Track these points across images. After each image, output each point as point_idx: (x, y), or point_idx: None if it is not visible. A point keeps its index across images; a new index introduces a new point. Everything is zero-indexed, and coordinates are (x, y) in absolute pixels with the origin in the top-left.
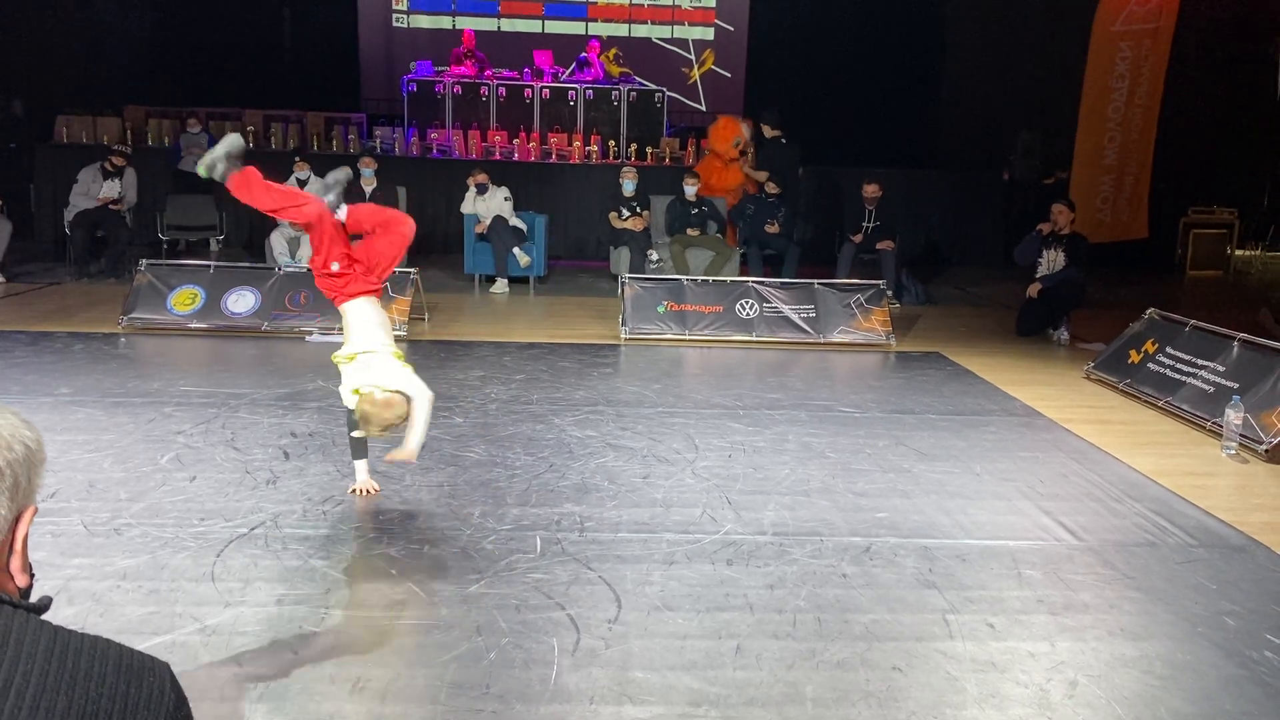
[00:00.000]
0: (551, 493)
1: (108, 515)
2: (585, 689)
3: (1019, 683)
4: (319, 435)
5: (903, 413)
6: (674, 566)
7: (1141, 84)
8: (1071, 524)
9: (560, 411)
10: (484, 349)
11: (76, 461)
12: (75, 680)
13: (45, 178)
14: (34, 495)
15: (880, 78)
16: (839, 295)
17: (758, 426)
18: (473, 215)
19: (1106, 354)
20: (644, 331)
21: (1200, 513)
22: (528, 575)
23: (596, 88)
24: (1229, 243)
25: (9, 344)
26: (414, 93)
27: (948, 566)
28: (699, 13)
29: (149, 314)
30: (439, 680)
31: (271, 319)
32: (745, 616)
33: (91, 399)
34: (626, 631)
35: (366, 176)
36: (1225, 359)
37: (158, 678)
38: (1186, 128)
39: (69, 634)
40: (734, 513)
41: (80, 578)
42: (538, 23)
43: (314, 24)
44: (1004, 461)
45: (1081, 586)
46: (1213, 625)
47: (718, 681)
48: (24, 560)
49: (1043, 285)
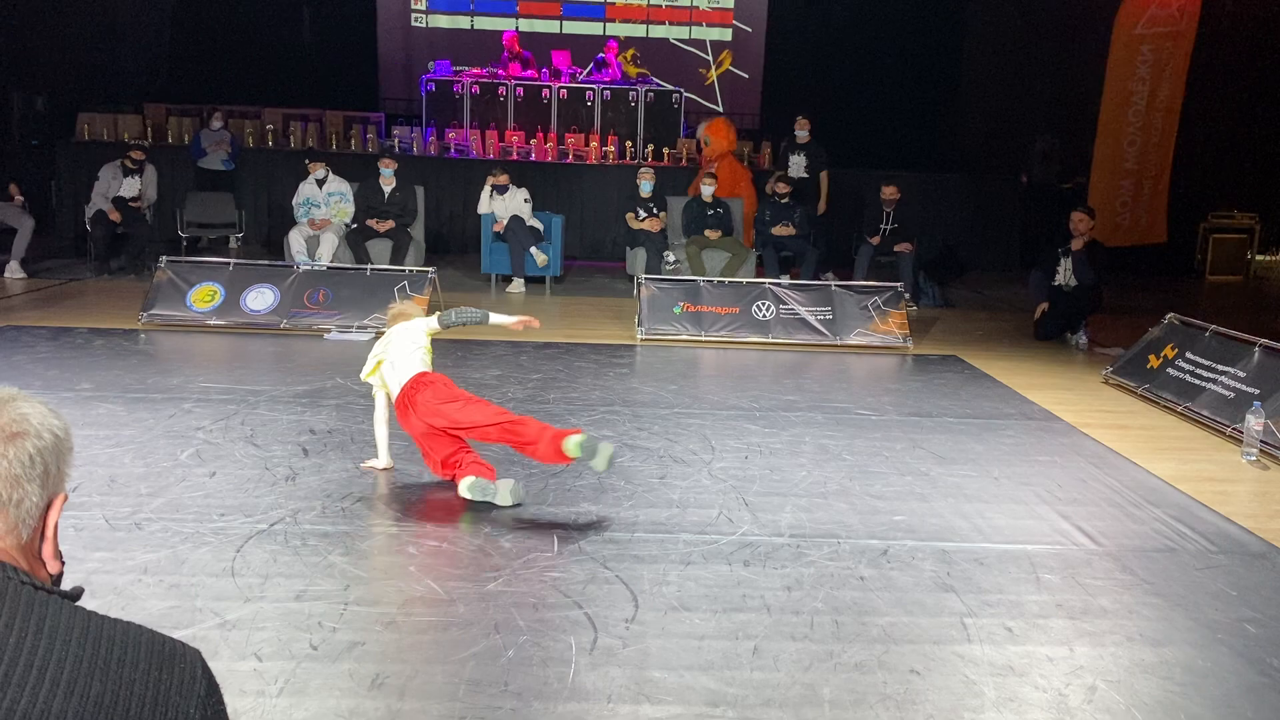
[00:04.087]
0: (568, 492)
1: (128, 510)
2: (603, 688)
3: (1037, 687)
4: (338, 432)
5: (920, 415)
6: (691, 567)
7: (1162, 87)
8: (1090, 529)
9: (577, 411)
10: (500, 348)
11: (98, 456)
12: (109, 665)
13: (67, 175)
14: (64, 483)
15: (898, 80)
16: (856, 297)
17: (774, 428)
18: (489, 215)
19: (1126, 358)
20: (660, 332)
21: (1220, 519)
22: (545, 574)
23: (614, 88)
24: (1249, 248)
25: (31, 339)
26: (432, 92)
27: (965, 570)
28: (717, 14)
29: (169, 310)
30: (457, 677)
31: (290, 316)
32: (762, 617)
33: (112, 394)
34: (644, 631)
35: (385, 176)
36: (1246, 364)
37: (189, 664)
38: (1207, 131)
39: (102, 619)
40: (751, 514)
41: (101, 572)
42: (556, 23)
43: (333, 23)
44: (1022, 465)
45: (1100, 591)
46: (1233, 632)
47: (735, 682)
48: (55, 547)
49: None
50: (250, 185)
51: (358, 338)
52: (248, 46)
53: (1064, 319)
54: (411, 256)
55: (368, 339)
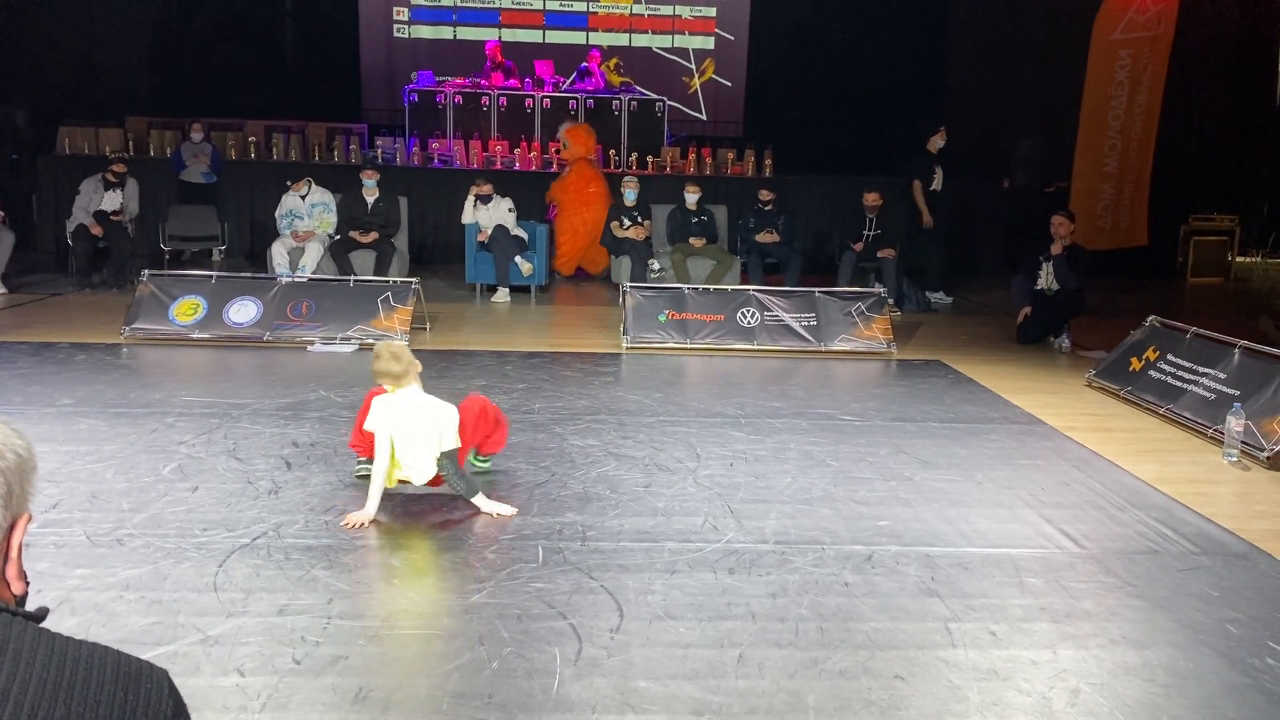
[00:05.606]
0: (553, 502)
1: (110, 526)
2: (588, 698)
3: (1021, 691)
4: (321, 445)
5: (904, 421)
6: (676, 575)
7: (1141, 91)
8: (1073, 532)
9: (562, 420)
10: (486, 358)
11: (79, 472)
12: (73, 687)
13: (48, 189)
14: (27, 503)
15: (880, 86)
16: (840, 303)
17: (759, 435)
18: (474, 225)
19: (1108, 361)
20: (645, 340)
21: (1202, 520)
22: (530, 584)
23: (597, 97)
24: (1230, 250)
25: (12, 354)
26: (415, 103)
27: (950, 575)
28: (699, 22)
29: (151, 324)
30: (441, 690)
31: (273, 329)
32: (747, 625)
33: (94, 409)
34: (629, 641)
35: (368, 187)
36: (1226, 366)
37: (155, 684)
38: (1187, 135)
39: (66, 641)
40: (736, 521)
41: (83, 588)
42: (538, 33)
43: (315, 34)
44: (1005, 469)
45: (1083, 594)
46: (1215, 633)
47: (720, 690)
48: (19, 568)
49: (1034, 306)
50: (233, 198)
51: (341, 350)
52: (229, 58)
53: (1046, 323)
54: (395, 267)
55: (351, 350)
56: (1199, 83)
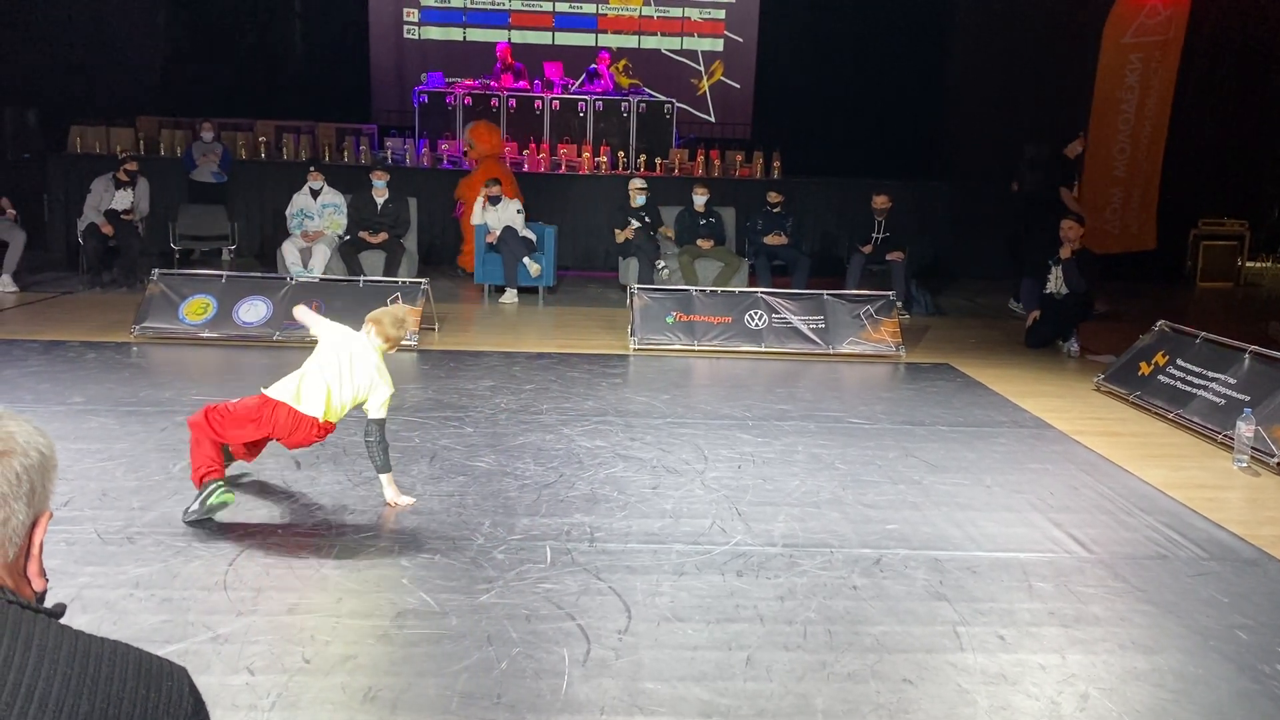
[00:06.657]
0: (561, 503)
1: (121, 524)
2: (596, 699)
3: (1030, 695)
4: (330, 445)
5: (912, 424)
6: (684, 577)
7: (1151, 95)
8: (1082, 536)
9: (570, 422)
10: (493, 359)
11: (89, 470)
12: (96, 684)
13: (58, 188)
14: (48, 500)
15: (889, 89)
16: (848, 306)
17: (767, 437)
18: (483, 226)
19: (1117, 366)
20: (653, 342)
21: (1211, 525)
22: (538, 585)
23: (606, 99)
24: (1239, 254)
25: (23, 352)
26: (425, 104)
27: (958, 579)
28: (708, 24)
29: (161, 323)
30: (450, 690)
31: (283, 329)
32: (755, 628)
33: (104, 408)
34: (637, 642)
35: (378, 188)
36: (1236, 371)
37: (176, 682)
38: (1197, 139)
39: (89, 638)
40: (744, 524)
41: (93, 586)
42: (548, 34)
43: (325, 35)
44: (1014, 473)
45: (1092, 599)
46: (1224, 639)
47: (728, 693)
48: (40, 565)
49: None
50: (243, 197)
51: None
52: (240, 59)
53: (1055, 327)
54: (404, 268)
55: None
56: (1208, 87)
